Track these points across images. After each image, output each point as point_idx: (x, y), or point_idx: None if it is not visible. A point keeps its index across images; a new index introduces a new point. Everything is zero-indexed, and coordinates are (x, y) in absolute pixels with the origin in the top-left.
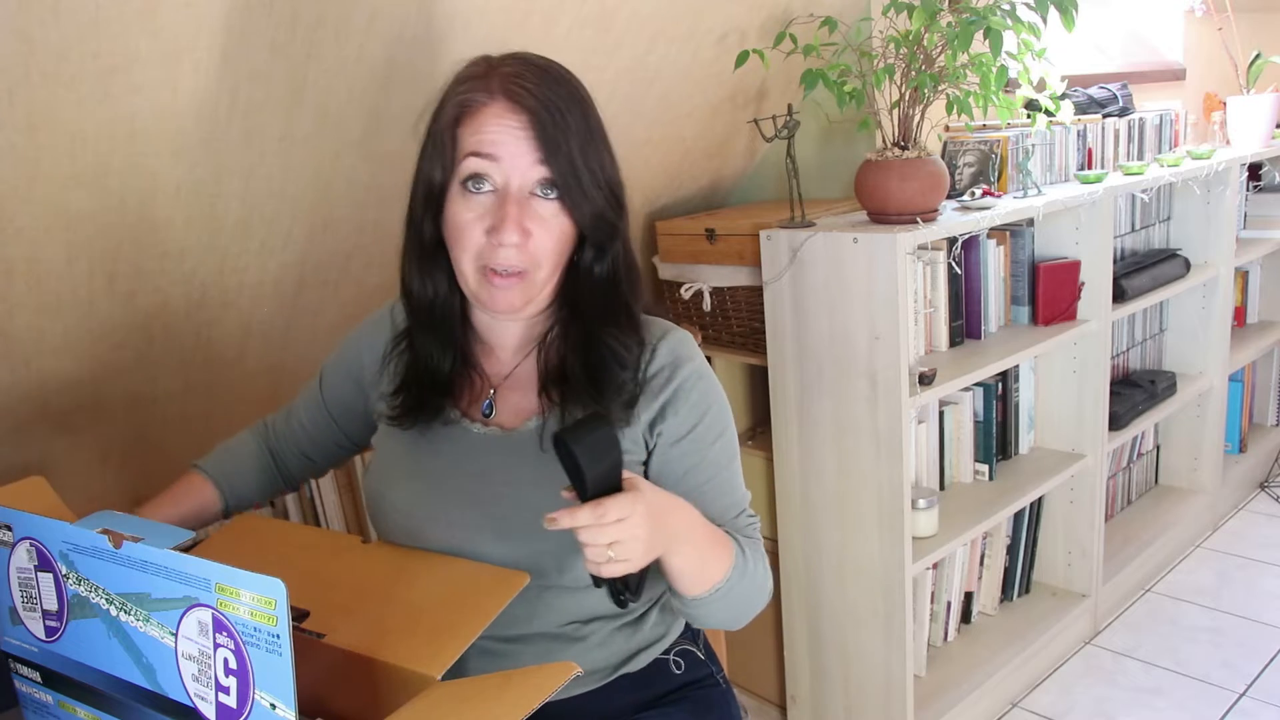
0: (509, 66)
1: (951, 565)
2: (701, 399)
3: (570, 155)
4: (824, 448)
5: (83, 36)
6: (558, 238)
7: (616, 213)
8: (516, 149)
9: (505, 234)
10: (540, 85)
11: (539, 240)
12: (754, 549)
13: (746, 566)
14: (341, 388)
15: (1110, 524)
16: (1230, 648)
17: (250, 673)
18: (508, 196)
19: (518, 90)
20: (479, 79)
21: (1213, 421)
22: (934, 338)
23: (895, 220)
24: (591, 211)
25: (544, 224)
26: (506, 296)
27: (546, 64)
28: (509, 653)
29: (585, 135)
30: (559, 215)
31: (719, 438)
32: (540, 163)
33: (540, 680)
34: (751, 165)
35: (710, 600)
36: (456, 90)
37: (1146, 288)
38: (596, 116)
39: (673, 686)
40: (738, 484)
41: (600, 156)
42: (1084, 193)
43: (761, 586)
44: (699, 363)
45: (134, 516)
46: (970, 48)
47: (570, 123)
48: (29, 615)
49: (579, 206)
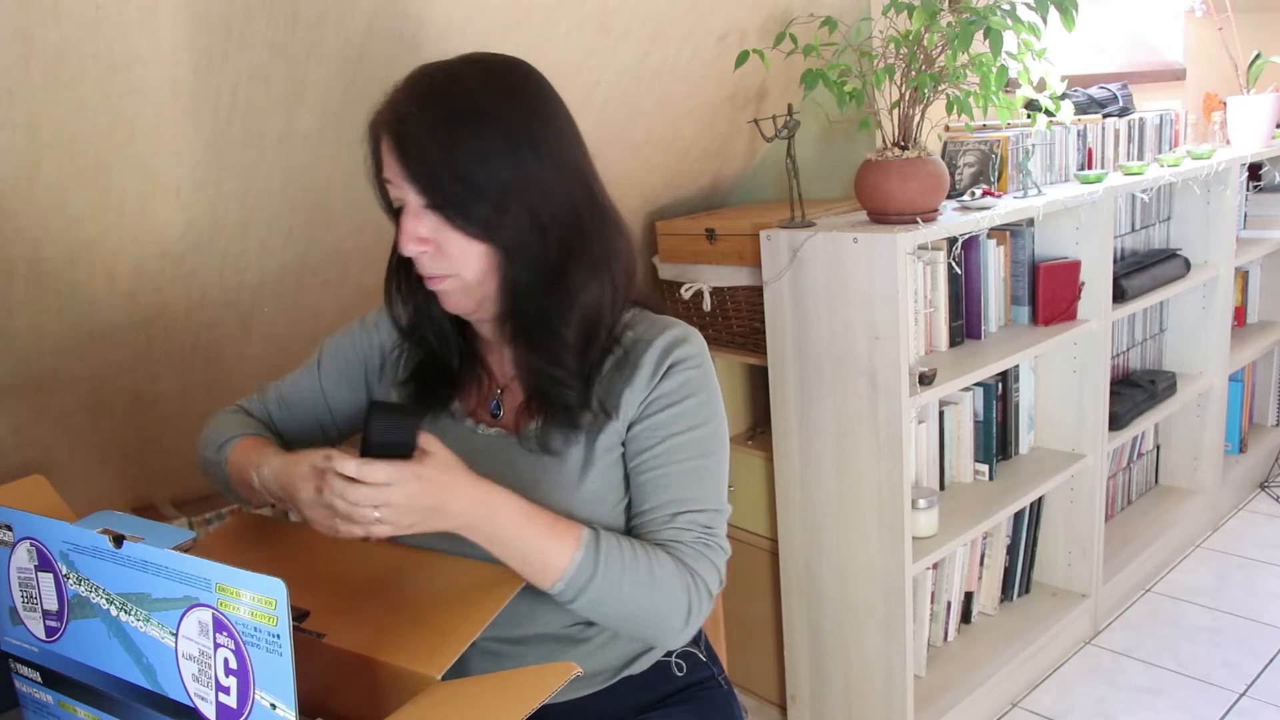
0: (398, 90)
1: (951, 565)
2: (685, 385)
3: (423, 163)
4: (824, 448)
5: (83, 37)
6: (464, 245)
7: (522, 222)
8: (395, 169)
9: (404, 248)
10: (407, 96)
11: (447, 247)
12: (650, 554)
13: (601, 570)
14: (341, 374)
15: (1110, 524)
16: (1230, 647)
17: (250, 673)
18: (406, 213)
19: (389, 114)
20: (382, 108)
21: (1213, 421)
22: (934, 338)
23: (895, 220)
24: (472, 220)
25: (444, 233)
26: (451, 299)
27: (437, 66)
28: (511, 654)
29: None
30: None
31: (689, 430)
32: (408, 180)
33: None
34: (751, 165)
35: (565, 597)
36: (371, 122)
37: (1146, 288)
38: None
39: (675, 688)
40: (698, 486)
41: (483, 157)
42: (1084, 193)
43: (667, 598)
44: (697, 354)
45: (134, 516)
46: (970, 48)
47: (428, 125)
48: (29, 615)
49: (457, 216)
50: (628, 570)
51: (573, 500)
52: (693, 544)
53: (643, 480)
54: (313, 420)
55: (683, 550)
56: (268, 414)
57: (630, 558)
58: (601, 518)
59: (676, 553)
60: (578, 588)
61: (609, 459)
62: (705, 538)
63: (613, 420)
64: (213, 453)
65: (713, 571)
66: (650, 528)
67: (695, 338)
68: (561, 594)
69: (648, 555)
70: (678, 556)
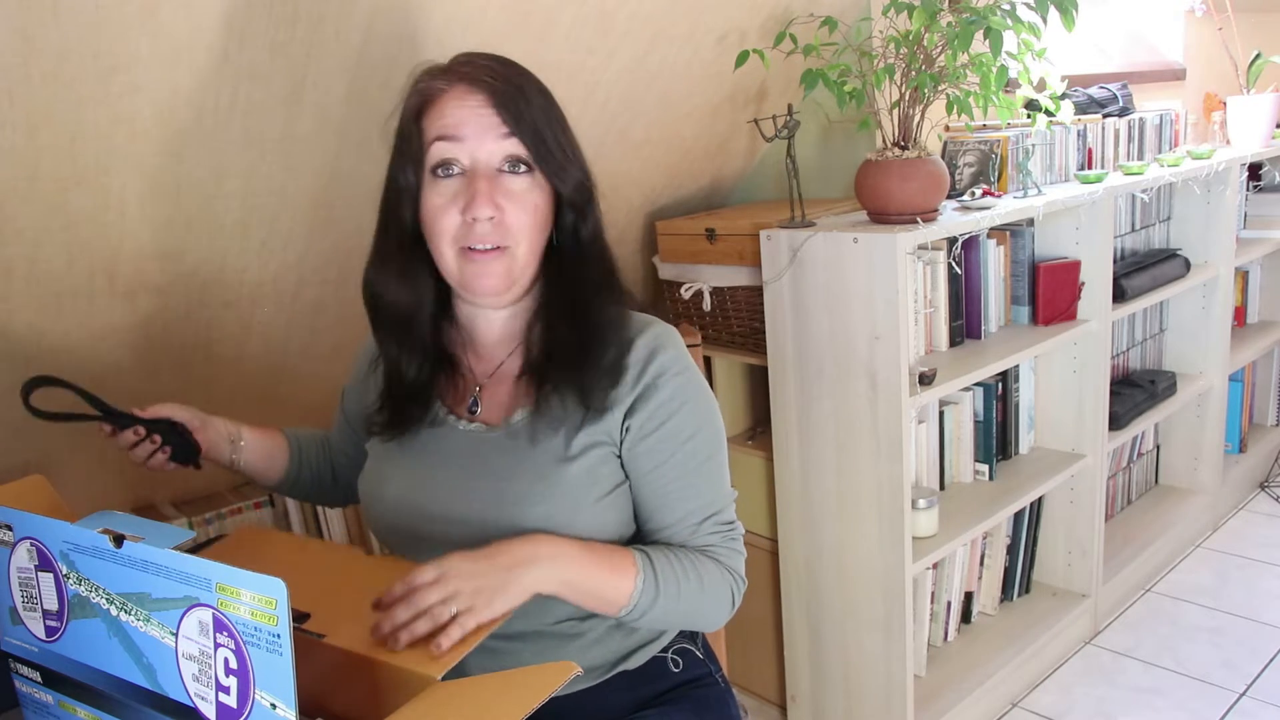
0: (464, 58)
1: (951, 565)
2: (677, 394)
3: (536, 126)
4: (824, 448)
5: (83, 37)
6: (531, 212)
7: (589, 184)
8: (479, 125)
9: (478, 209)
10: (495, 65)
11: (513, 215)
12: (694, 561)
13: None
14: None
15: (1110, 524)
16: (1230, 647)
17: (251, 673)
18: (477, 174)
19: (473, 73)
20: (436, 73)
21: (1213, 421)
22: (934, 337)
23: (895, 220)
24: (566, 178)
25: (516, 199)
26: (488, 278)
27: (504, 57)
28: (507, 650)
29: (548, 111)
30: (531, 190)
31: (692, 437)
32: (505, 137)
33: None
34: (751, 165)
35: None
36: (416, 86)
37: (1146, 288)
38: (558, 106)
39: (671, 685)
40: (711, 488)
41: (566, 133)
42: (1084, 193)
43: (715, 598)
44: (679, 356)
45: (134, 516)
46: (970, 48)
47: (531, 98)
48: (29, 615)
49: (555, 173)
50: (682, 583)
51: (553, 491)
52: (722, 544)
53: (660, 494)
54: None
55: (716, 551)
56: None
57: (681, 571)
58: (582, 507)
59: (712, 554)
60: (643, 609)
61: (596, 453)
62: (730, 535)
63: (601, 418)
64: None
65: (741, 560)
66: (679, 538)
67: (673, 337)
68: (628, 616)
69: (694, 563)
70: (714, 557)
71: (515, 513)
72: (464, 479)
